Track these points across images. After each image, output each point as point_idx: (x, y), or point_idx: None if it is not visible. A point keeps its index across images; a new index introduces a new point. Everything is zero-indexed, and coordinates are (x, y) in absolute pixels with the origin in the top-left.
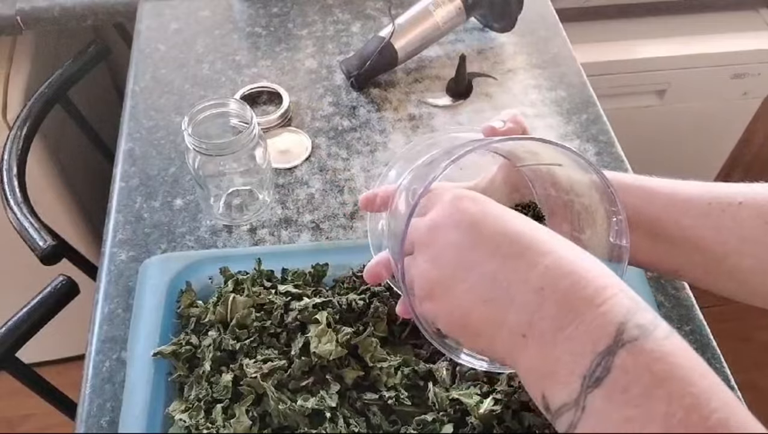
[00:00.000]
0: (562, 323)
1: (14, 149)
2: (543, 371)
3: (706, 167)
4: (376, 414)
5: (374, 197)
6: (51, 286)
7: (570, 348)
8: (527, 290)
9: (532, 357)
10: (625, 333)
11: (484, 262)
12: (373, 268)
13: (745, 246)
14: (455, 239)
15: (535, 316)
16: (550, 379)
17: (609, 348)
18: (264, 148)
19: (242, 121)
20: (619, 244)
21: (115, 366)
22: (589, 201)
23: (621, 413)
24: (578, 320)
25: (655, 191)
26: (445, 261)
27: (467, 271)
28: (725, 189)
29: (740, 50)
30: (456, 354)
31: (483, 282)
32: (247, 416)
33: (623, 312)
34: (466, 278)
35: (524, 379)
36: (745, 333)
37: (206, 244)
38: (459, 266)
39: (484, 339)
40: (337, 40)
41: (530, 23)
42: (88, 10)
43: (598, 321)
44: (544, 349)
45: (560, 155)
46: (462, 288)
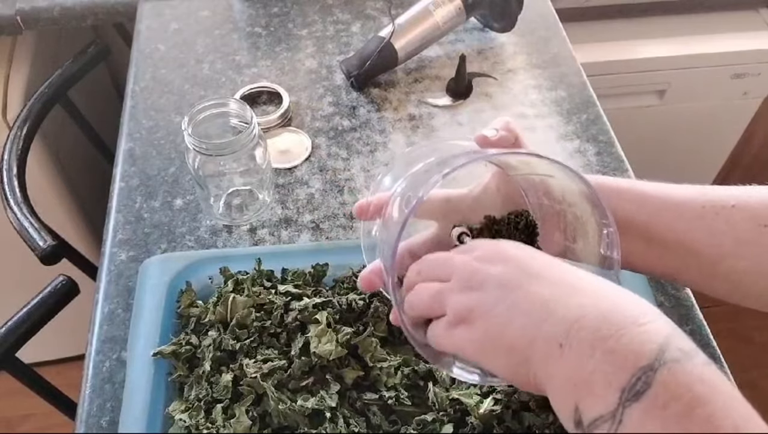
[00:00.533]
0: (602, 334)
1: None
2: (578, 381)
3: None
4: (376, 414)
5: (368, 205)
6: (51, 286)
7: (610, 360)
8: (568, 304)
9: (568, 366)
10: (667, 353)
11: (529, 284)
12: (366, 276)
13: (739, 249)
14: (502, 270)
15: (574, 326)
16: (585, 390)
17: (651, 365)
18: (264, 148)
19: (242, 121)
20: (610, 256)
21: (115, 366)
22: (581, 212)
23: (660, 429)
24: (620, 334)
25: (648, 196)
26: (489, 285)
27: (512, 291)
28: (718, 192)
29: (740, 50)
30: (448, 367)
31: (526, 299)
32: (247, 416)
33: (665, 334)
34: (509, 297)
35: (555, 390)
36: (745, 333)
37: (206, 244)
38: (504, 289)
39: (516, 354)
40: (337, 40)
41: (530, 23)
42: (88, 10)
43: (640, 338)
44: (582, 359)
45: (553, 167)
46: (504, 305)
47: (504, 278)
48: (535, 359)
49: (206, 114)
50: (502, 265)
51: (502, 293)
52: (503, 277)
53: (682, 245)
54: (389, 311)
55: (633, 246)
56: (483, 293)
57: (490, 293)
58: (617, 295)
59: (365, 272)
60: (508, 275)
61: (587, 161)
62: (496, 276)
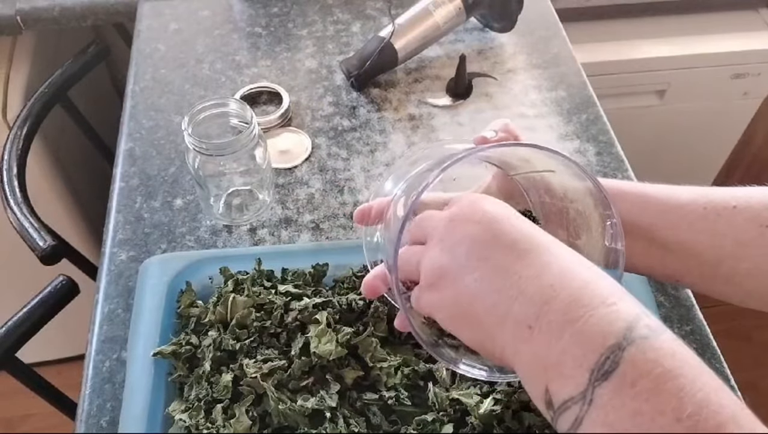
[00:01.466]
0: (571, 316)
1: (14, 149)
2: (548, 363)
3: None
4: (376, 414)
5: (369, 210)
6: (51, 286)
7: (579, 341)
8: (539, 284)
9: (537, 348)
10: (635, 331)
11: (500, 255)
12: (370, 281)
13: (740, 250)
14: (473, 232)
15: (543, 308)
16: (555, 371)
17: (618, 343)
18: (264, 148)
19: (242, 121)
20: (615, 247)
21: (115, 366)
22: (583, 207)
23: (630, 406)
24: (588, 314)
25: (650, 197)
26: (460, 250)
27: (481, 261)
28: (720, 194)
29: (740, 50)
30: (454, 364)
31: (495, 273)
32: (247, 416)
33: (633, 313)
34: (479, 268)
35: (525, 373)
36: (745, 333)
37: (206, 244)
38: (473, 256)
39: (484, 329)
40: (337, 40)
41: (530, 23)
42: (88, 10)
43: (608, 318)
44: (551, 341)
45: (552, 161)
46: (473, 277)
47: (475, 243)
48: (504, 337)
49: (206, 114)
50: (474, 224)
51: (471, 262)
52: (474, 241)
53: (683, 246)
54: (389, 311)
55: (635, 248)
56: (453, 257)
57: (460, 259)
58: (587, 273)
59: (368, 278)
60: (480, 239)
61: (587, 161)
62: (467, 239)
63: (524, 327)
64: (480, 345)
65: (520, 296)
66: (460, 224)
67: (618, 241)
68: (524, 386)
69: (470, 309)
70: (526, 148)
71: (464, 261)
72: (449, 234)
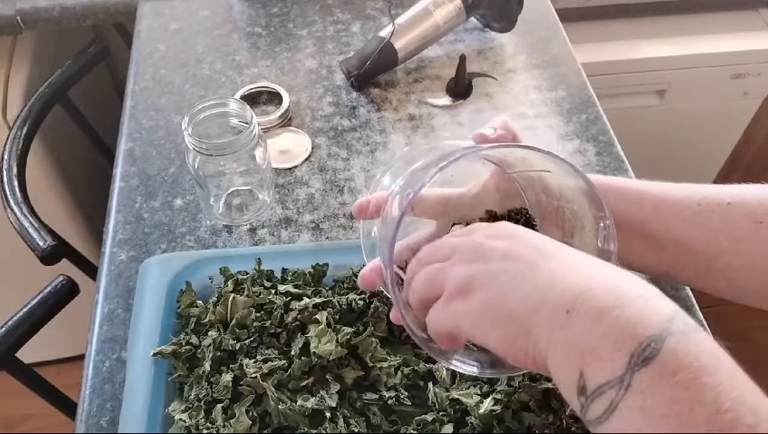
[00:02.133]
0: (611, 304)
1: (14, 149)
2: (585, 348)
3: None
4: (376, 414)
5: (367, 204)
6: (51, 286)
7: (620, 326)
8: (574, 278)
9: (575, 333)
10: (674, 325)
11: (534, 258)
12: (366, 274)
13: (735, 246)
14: (504, 244)
15: (582, 295)
16: (591, 355)
17: (659, 334)
18: (264, 148)
19: (242, 121)
20: (608, 249)
21: (115, 366)
22: (578, 206)
23: (669, 394)
24: (627, 304)
25: (645, 194)
26: (492, 256)
27: (515, 263)
28: (714, 190)
29: (740, 50)
30: (447, 359)
31: (530, 269)
32: (247, 416)
33: (672, 309)
34: (512, 268)
35: (559, 358)
36: (744, 333)
37: (206, 244)
38: (507, 260)
39: (517, 323)
40: (337, 40)
41: (530, 23)
42: (88, 10)
43: (648, 310)
44: (590, 326)
45: (549, 161)
46: (506, 276)
47: (509, 251)
48: (538, 327)
49: (206, 114)
50: (507, 240)
51: (506, 265)
52: (508, 250)
53: (678, 242)
54: (389, 311)
55: (631, 245)
56: (486, 264)
57: (494, 264)
58: (622, 274)
59: (365, 271)
60: (514, 248)
61: (587, 161)
62: (501, 249)
63: (562, 311)
64: (511, 342)
65: (555, 286)
66: (489, 239)
67: (611, 242)
68: (555, 378)
69: (503, 305)
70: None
71: (497, 264)
72: (481, 246)
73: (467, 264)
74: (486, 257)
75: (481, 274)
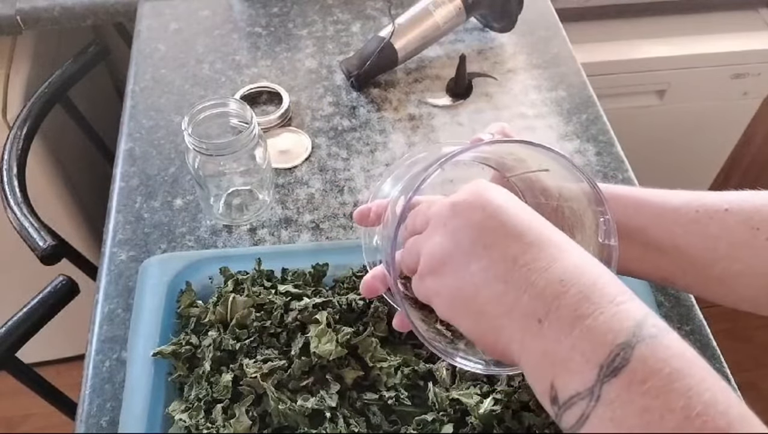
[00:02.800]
0: (582, 313)
1: (14, 149)
2: (556, 358)
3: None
4: (376, 414)
5: (368, 211)
6: (51, 286)
7: (589, 337)
8: (548, 278)
9: (546, 342)
10: (644, 330)
11: (506, 244)
12: (368, 281)
13: (733, 252)
14: (478, 218)
15: (554, 303)
16: (562, 366)
17: (628, 341)
18: (264, 148)
19: (242, 121)
20: (609, 244)
21: (115, 366)
22: (577, 205)
23: (639, 403)
24: (598, 311)
25: (645, 201)
26: (463, 236)
27: (487, 249)
28: (713, 197)
29: (740, 50)
30: (452, 357)
31: (503, 262)
32: (247, 416)
33: (642, 312)
34: (484, 256)
35: (532, 367)
36: (745, 333)
37: (206, 244)
38: (478, 243)
39: (488, 320)
40: (337, 40)
41: (530, 23)
42: (88, 10)
43: (619, 316)
44: (560, 335)
45: (546, 158)
46: (478, 265)
47: (481, 230)
48: (510, 330)
49: (206, 114)
50: (479, 211)
51: (477, 249)
52: (480, 228)
53: (677, 249)
54: (389, 311)
55: (630, 252)
56: (456, 243)
57: (464, 246)
58: (595, 270)
59: (367, 278)
60: (486, 226)
61: (587, 161)
62: (472, 225)
63: (534, 320)
64: (481, 335)
65: (529, 288)
66: (464, 210)
67: (611, 237)
68: (528, 380)
69: (474, 298)
70: (520, 144)
71: (468, 248)
72: (452, 220)
73: (439, 240)
74: (456, 234)
75: (452, 256)
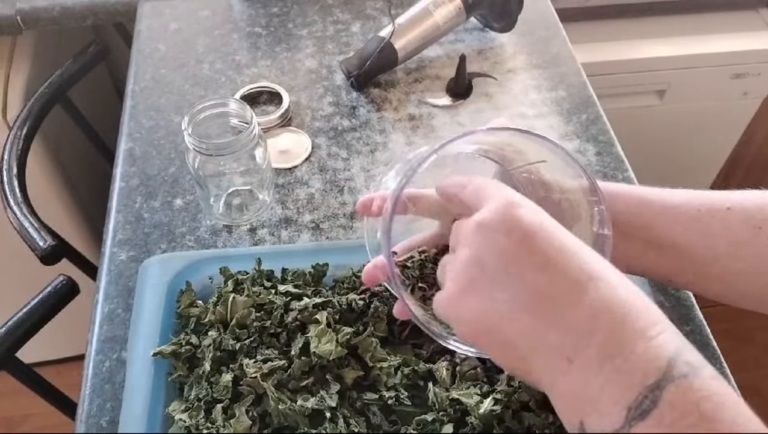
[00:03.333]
0: (612, 352)
1: (14, 149)
2: (585, 398)
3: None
4: (376, 414)
5: (370, 202)
6: (51, 286)
7: (618, 378)
8: (579, 314)
9: (575, 381)
10: (675, 369)
11: (533, 274)
12: (369, 271)
13: (733, 250)
14: (504, 245)
15: (583, 342)
16: (591, 407)
17: (658, 382)
18: (264, 148)
19: (242, 121)
20: (603, 233)
21: (115, 366)
22: (573, 196)
23: None
24: (628, 351)
25: (646, 199)
26: (489, 263)
27: (511, 278)
28: (714, 196)
29: (740, 50)
30: (445, 340)
31: (530, 293)
32: (247, 416)
33: (673, 348)
34: (509, 286)
35: (561, 402)
36: (745, 333)
37: (206, 244)
38: (504, 271)
39: (514, 352)
40: (337, 40)
41: (530, 23)
42: (88, 10)
43: (649, 354)
44: (589, 376)
45: (542, 148)
46: (504, 295)
47: (507, 257)
48: (539, 365)
49: (206, 114)
50: (505, 236)
51: (502, 277)
52: (505, 255)
53: (678, 247)
54: (389, 311)
55: (631, 249)
56: (482, 269)
57: (489, 271)
58: (627, 299)
59: (368, 268)
60: (512, 254)
61: (587, 161)
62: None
63: (562, 358)
64: (511, 367)
65: (557, 324)
66: (489, 234)
67: (605, 227)
68: (558, 413)
69: (499, 328)
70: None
71: (493, 274)
72: (477, 243)
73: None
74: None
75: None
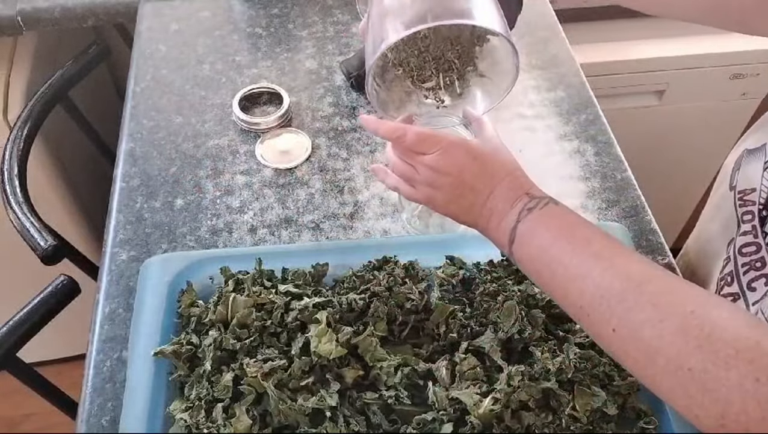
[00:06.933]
0: (505, 186)
1: (15, 150)
2: (496, 215)
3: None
4: (376, 414)
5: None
6: (52, 286)
7: (509, 193)
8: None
9: (489, 211)
10: (550, 200)
11: (464, 195)
12: (363, 27)
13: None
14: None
15: (489, 192)
16: (499, 217)
17: (537, 201)
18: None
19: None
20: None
21: (116, 366)
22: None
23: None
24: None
25: None
26: (443, 188)
27: (459, 197)
28: None
29: (740, 50)
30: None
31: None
32: (248, 415)
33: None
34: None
35: (490, 233)
36: None
37: (207, 244)
38: (453, 192)
39: (463, 215)
40: (337, 40)
41: (530, 24)
42: (88, 11)
43: (525, 180)
44: (497, 203)
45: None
46: (454, 205)
47: (451, 186)
48: (473, 216)
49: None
50: (446, 177)
51: (449, 193)
52: (450, 186)
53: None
54: (389, 311)
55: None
56: (439, 191)
57: (443, 191)
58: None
59: (362, 24)
60: (453, 185)
61: (586, 161)
62: (445, 186)
63: (483, 206)
64: (460, 220)
65: (480, 191)
66: (440, 175)
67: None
68: (495, 245)
69: (458, 211)
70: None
71: (447, 192)
72: (434, 182)
73: (427, 188)
74: (438, 189)
75: (437, 195)
